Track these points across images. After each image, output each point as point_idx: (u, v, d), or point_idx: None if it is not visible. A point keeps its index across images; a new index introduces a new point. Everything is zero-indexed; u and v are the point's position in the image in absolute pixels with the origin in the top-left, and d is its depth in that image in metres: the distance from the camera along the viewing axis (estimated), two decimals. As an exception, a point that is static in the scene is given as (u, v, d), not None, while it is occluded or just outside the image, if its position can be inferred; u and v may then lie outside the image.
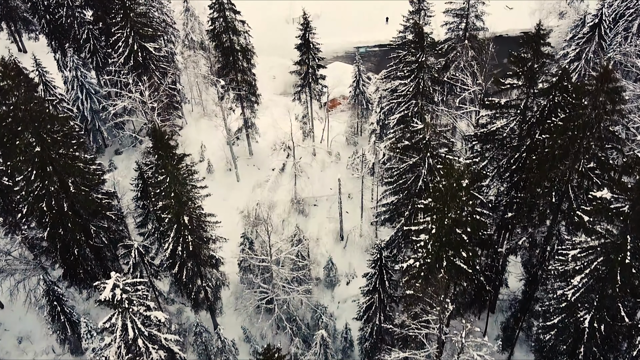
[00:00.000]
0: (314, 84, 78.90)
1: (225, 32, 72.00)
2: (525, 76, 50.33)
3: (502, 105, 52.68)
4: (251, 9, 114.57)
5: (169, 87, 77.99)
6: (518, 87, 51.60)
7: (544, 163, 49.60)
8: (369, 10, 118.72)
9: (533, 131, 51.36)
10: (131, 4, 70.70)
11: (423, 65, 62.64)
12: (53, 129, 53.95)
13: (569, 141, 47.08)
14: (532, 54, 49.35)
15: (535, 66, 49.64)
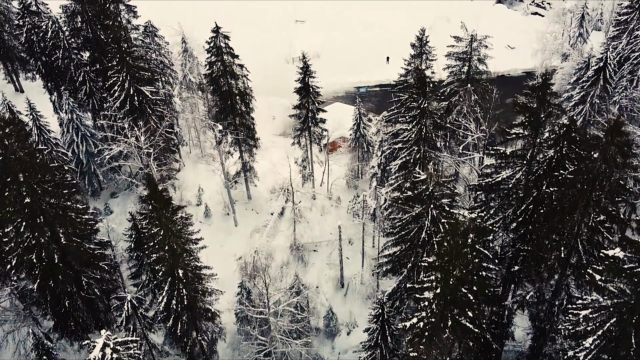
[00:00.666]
0: (314, 127, 77.43)
1: (223, 76, 70.70)
2: (532, 126, 48.83)
3: (508, 155, 51.13)
4: (251, 49, 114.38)
5: (166, 131, 76.53)
6: (524, 137, 50.09)
7: (552, 216, 47.94)
8: (370, 50, 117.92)
9: (540, 183, 49.71)
10: (127, 48, 69.46)
11: (425, 111, 61.15)
12: (44, 178, 52.43)
13: (578, 194, 45.46)
14: (538, 103, 47.89)
15: (541, 116, 48.14)
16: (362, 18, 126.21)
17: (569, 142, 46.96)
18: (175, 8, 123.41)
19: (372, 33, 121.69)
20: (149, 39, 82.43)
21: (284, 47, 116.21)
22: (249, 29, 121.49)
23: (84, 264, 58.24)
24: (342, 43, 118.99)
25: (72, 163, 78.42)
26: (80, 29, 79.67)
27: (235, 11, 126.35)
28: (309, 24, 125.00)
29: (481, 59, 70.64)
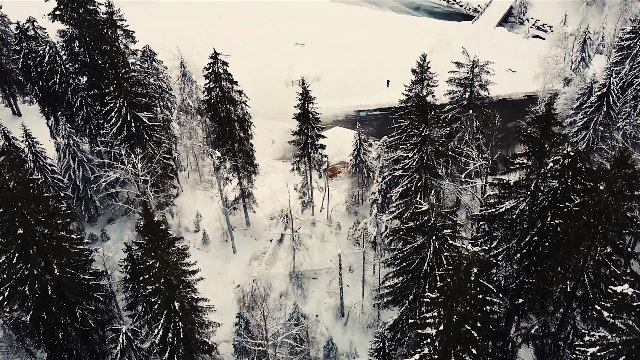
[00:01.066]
0: (314, 153, 76.39)
1: (221, 102, 69.83)
2: (536, 156, 47.83)
3: (511, 185, 50.10)
4: (250, 71, 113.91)
5: (164, 157, 75.53)
6: (527, 167, 49.08)
7: (557, 249, 46.84)
8: (370, 73, 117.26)
9: (544, 214, 48.66)
10: (125, 74, 68.64)
11: (427, 138, 60.11)
12: (38, 208, 51.30)
13: (584, 227, 44.35)
14: (542, 133, 46.89)
15: (545, 145, 47.14)
16: (363, 41, 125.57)
17: (574, 173, 45.97)
18: (174, 32, 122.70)
19: (373, 56, 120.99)
20: (147, 64, 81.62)
21: (283, 70, 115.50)
22: (248, 52, 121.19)
23: (79, 295, 56.85)
24: (342, 66, 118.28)
25: (69, 189, 77.47)
26: (78, 53, 79.00)
27: (234, 34, 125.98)
28: (309, 47, 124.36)
29: (483, 85, 69.80)
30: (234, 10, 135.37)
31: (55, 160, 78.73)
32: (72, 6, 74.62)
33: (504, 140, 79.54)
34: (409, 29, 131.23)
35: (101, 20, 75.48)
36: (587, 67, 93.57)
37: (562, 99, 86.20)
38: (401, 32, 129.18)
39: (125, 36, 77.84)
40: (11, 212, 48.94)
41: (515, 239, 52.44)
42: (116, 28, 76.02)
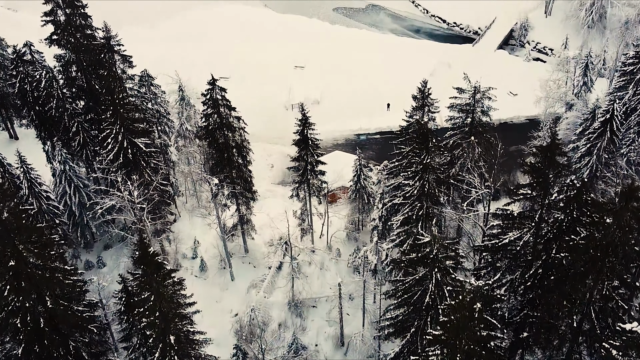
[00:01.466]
0: (313, 179, 75.28)
1: (219, 129, 68.79)
2: (540, 187, 46.78)
3: (515, 216, 49.00)
4: (249, 94, 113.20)
5: (161, 183, 74.41)
6: (532, 198, 48.01)
7: (563, 282, 45.65)
8: (370, 96, 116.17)
9: (549, 246, 47.50)
10: (121, 100, 67.71)
11: (428, 166, 59.02)
12: (31, 239, 50.18)
13: (591, 261, 43.17)
14: (547, 163, 45.86)
15: (550, 176, 46.10)
16: (363, 63, 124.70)
17: (579, 205, 44.88)
18: (173, 55, 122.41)
19: (373, 79, 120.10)
20: (145, 88, 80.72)
21: (283, 93, 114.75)
22: (247, 75, 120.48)
23: (72, 327, 55.56)
24: (342, 89, 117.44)
25: (64, 215, 76.23)
26: (75, 78, 78.23)
27: (233, 57, 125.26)
28: (309, 70, 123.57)
29: (485, 111, 68.79)
30: (233, 32, 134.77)
31: (52, 186, 77.72)
32: (69, 31, 73.88)
33: (506, 164, 78.55)
34: (409, 51, 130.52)
35: (98, 45, 74.63)
36: (590, 92, 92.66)
37: (564, 124, 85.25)
38: (401, 54, 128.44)
39: (123, 61, 76.87)
40: (3, 243, 47.85)
41: (520, 270, 51.28)
42: (113, 53, 75.08)
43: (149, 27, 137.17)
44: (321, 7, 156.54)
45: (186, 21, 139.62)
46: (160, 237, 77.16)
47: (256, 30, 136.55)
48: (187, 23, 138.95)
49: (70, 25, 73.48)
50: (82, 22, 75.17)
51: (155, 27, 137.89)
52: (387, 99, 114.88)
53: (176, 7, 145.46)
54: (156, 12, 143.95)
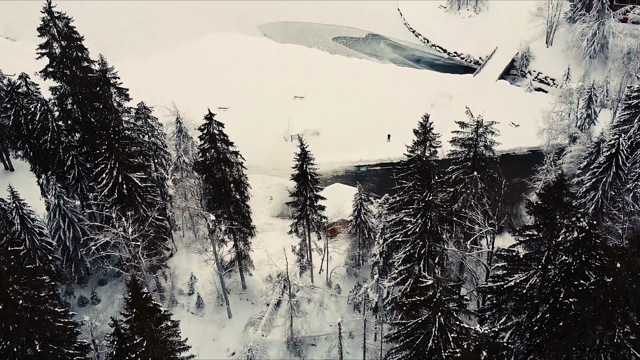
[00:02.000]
0: (312, 214, 73.62)
1: (216, 164, 67.32)
2: (547, 228, 45.18)
3: (521, 258, 47.37)
4: (248, 125, 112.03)
5: (156, 218, 72.87)
6: (538, 239, 46.41)
7: (572, 329, 43.85)
8: (370, 127, 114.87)
9: (557, 290, 45.78)
10: (116, 135, 66.36)
11: (430, 204, 57.52)
12: (20, 281, 48.53)
13: (602, 307, 41.44)
14: (554, 204, 44.31)
15: (557, 217, 44.54)
16: (363, 93, 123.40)
17: (588, 248, 43.24)
18: (171, 85, 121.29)
19: (373, 109, 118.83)
20: (141, 121, 79.44)
21: (282, 123, 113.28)
22: (246, 105, 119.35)
23: (63, 371, 53.75)
24: (342, 119, 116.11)
25: (58, 250, 74.70)
26: (71, 110, 76.90)
27: (232, 87, 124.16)
28: (308, 100, 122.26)
29: (488, 146, 67.30)
30: (231, 62, 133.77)
31: (46, 220, 76.29)
32: (64, 63, 72.72)
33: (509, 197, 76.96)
34: (409, 81, 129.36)
35: (94, 77, 73.45)
36: (593, 124, 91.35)
37: (568, 157, 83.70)
38: (402, 84, 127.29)
39: (119, 94, 75.74)
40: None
41: (526, 313, 49.52)
42: (109, 86, 73.92)
43: (147, 58, 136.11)
44: (321, 36, 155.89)
45: (185, 51, 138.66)
46: (156, 273, 75.47)
47: (255, 60, 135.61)
48: (185, 53, 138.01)
49: (66, 57, 72.24)
50: (78, 54, 73.95)
51: (154, 57, 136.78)
52: (387, 130, 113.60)
53: (175, 37, 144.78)
54: (155, 42, 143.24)
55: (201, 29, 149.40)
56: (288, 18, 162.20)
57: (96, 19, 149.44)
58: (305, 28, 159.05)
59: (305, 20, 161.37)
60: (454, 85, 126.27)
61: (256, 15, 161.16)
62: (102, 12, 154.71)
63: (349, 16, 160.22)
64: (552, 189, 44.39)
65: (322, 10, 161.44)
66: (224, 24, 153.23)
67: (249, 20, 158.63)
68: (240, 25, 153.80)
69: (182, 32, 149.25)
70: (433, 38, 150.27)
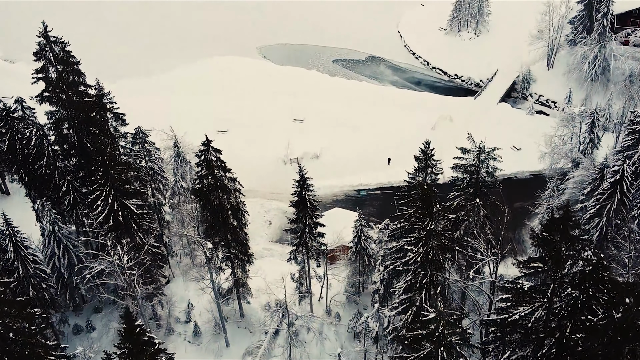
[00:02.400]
0: (312, 242, 72.22)
1: (214, 191, 66.08)
2: (553, 260, 43.87)
3: (526, 291, 46.03)
4: (247, 149, 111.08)
5: (152, 245, 71.56)
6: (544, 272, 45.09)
7: (579, 366, 42.47)
8: (370, 150, 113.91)
9: (563, 324, 44.38)
10: (112, 161, 65.23)
11: (432, 233, 56.24)
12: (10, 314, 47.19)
13: (611, 343, 40.06)
14: (560, 236, 43.04)
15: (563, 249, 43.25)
16: (363, 116, 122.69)
17: (596, 282, 41.90)
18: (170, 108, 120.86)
19: (373, 132, 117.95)
20: (138, 146, 78.35)
21: (281, 146, 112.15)
22: (245, 128, 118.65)
23: (54, 406, 52.18)
24: (342, 142, 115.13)
25: (53, 278, 73.26)
26: (67, 135, 75.88)
27: (231, 110, 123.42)
28: (308, 123, 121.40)
29: (490, 172, 66.14)
30: (231, 85, 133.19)
31: (41, 245, 74.97)
32: (60, 88, 71.77)
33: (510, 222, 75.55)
34: (410, 104, 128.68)
35: (91, 102, 72.41)
36: (596, 149, 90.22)
37: (571, 183, 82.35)
38: (402, 107, 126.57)
39: (116, 119, 74.66)
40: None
41: (531, 347, 48.07)
42: (106, 111, 72.84)
43: (146, 80, 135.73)
44: (320, 58, 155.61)
45: (184, 73, 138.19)
46: (152, 301, 74.05)
47: (255, 82, 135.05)
48: (184, 75, 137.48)
49: (62, 82, 71.36)
50: (75, 78, 73.10)
51: (153, 79, 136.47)
52: (388, 153, 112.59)
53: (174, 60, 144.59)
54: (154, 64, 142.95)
55: (201, 51, 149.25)
56: (287, 40, 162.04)
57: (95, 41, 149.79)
58: (305, 50, 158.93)
59: (304, 42, 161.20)
60: (455, 108, 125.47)
61: (256, 37, 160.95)
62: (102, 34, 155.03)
63: (349, 38, 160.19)
64: (557, 220, 43.16)
65: (321, 32, 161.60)
66: (224, 46, 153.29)
67: (248, 42, 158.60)
68: (240, 48, 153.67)
69: (181, 54, 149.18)
70: (433, 60, 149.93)
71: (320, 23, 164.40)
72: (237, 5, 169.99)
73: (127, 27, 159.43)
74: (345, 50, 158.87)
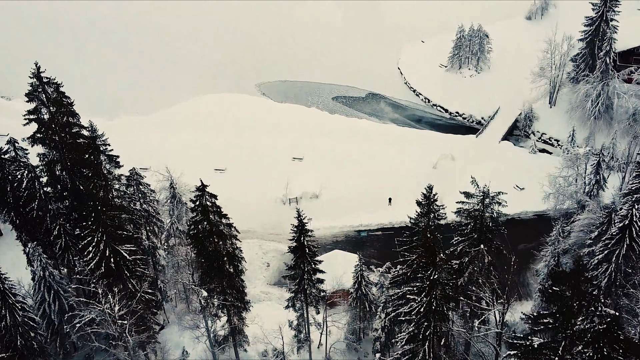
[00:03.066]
0: (311, 288, 69.80)
1: (209, 237, 63.95)
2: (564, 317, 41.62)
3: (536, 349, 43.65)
4: (245, 188, 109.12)
5: (146, 292, 69.26)
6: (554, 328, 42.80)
7: None
8: (371, 189, 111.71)
9: (576, 385, 42.00)
10: (104, 206, 63.21)
11: (435, 283, 54.03)
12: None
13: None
14: (572, 292, 40.83)
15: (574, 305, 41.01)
16: (363, 155, 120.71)
17: (611, 342, 39.57)
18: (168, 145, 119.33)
19: (374, 171, 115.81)
20: (133, 188, 76.41)
21: (280, 186, 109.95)
22: (243, 167, 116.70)
23: None
24: (342, 182, 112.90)
25: (42, 325, 70.86)
26: (59, 177, 74.09)
27: (230, 147, 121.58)
28: (307, 161, 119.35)
29: (494, 218, 64.08)
30: (229, 122, 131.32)
31: (31, 290, 72.63)
32: (53, 129, 70.11)
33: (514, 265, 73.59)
34: (411, 142, 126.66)
35: (84, 144, 70.71)
36: (602, 190, 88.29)
37: (577, 226, 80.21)
38: (403, 145, 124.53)
39: (109, 161, 72.91)
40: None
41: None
42: (99, 153, 71.12)
43: (143, 117, 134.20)
44: (320, 95, 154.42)
45: (182, 111, 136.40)
46: (145, 350, 71.48)
47: (253, 119, 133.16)
48: (183, 112, 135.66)
49: (55, 124, 69.78)
50: (69, 119, 71.59)
51: (150, 116, 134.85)
52: (388, 192, 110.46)
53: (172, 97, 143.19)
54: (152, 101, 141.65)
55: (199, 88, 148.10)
56: (287, 77, 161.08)
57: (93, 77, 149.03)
58: (305, 87, 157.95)
59: (304, 79, 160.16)
60: (456, 146, 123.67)
61: (255, 74, 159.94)
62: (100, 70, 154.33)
63: (349, 75, 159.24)
64: (568, 274, 40.98)
65: (321, 69, 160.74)
66: (222, 83, 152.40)
67: (247, 79, 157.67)
68: (239, 85, 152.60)
69: (179, 91, 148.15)
70: (434, 97, 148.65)
71: (319, 60, 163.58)
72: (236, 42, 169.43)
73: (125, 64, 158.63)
74: (345, 87, 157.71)
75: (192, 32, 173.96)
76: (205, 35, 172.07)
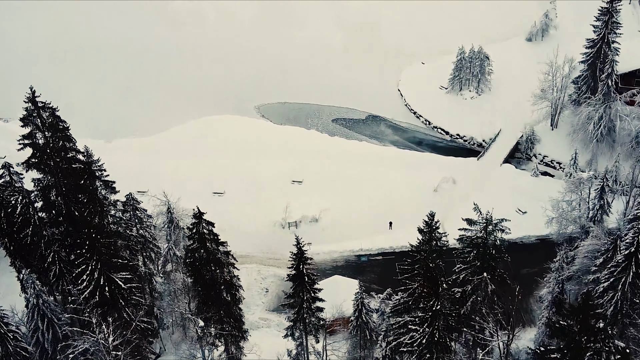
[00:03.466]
0: (310, 317, 68.34)
1: (206, 265, 62.62)
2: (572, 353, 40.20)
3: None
4: (243, 212, 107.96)
5: (142, 320, 67.77)
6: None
7: None
8: (371, 213, 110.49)
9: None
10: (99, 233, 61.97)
11: (438, 313, 52.69)
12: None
13: None
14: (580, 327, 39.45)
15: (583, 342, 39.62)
16: (363, 177, 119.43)
17: (622, 379, 38.21)
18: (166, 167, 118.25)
19: (374, 194, 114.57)
20: (129, 213, 75.18)
21: (279, 209, 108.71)
22: (242, 190, 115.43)
23: None
24: (342, 205, 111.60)
25: (36, 354, 69.64)
26: (54, 202, 72.97)
27: (228, 170, 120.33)
28: (307, 185, 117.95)
29: (498, 246, 62.76)
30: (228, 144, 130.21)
31: (25, 318, 71.28)
32: (48, 154, 69.03)
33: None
34: (411, 165, 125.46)
35: (79, 169, 69.59)
36: (607, 215, 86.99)
37: (581, 252, 78.74)
38: (403, 168, 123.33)
39: (105, 187, 71.76)
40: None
41: None
42: (94, 179, 69.99)
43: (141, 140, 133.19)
44: (320, 117, 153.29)
45: (180, 133, 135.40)
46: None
47: (252, 142, 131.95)
48: (181, 134, 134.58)
49: (50, 149, 68.71)
50: (64, 144, 70.55)
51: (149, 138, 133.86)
52: (389, 216, 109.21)
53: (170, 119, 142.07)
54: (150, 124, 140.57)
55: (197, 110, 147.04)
56: (286, 99, 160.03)
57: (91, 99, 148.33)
58: (304, 109, 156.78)
59: (303, 100, 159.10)
60: (458, 169, 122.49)
61: (254, 96, 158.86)
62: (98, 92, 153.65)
63: (349, 97, 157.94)
64: (576, 310, 39.65)
65: (320, 91, 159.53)
66: (221, 104, 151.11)
67: (246, 101, 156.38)
68: (238, 107, 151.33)
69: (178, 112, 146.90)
70: (435, 120, 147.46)
71: (319, 81, 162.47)
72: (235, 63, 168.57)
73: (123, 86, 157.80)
74: (345, 109, 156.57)
75: (192, 54, 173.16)
76: (204, 58, 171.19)
